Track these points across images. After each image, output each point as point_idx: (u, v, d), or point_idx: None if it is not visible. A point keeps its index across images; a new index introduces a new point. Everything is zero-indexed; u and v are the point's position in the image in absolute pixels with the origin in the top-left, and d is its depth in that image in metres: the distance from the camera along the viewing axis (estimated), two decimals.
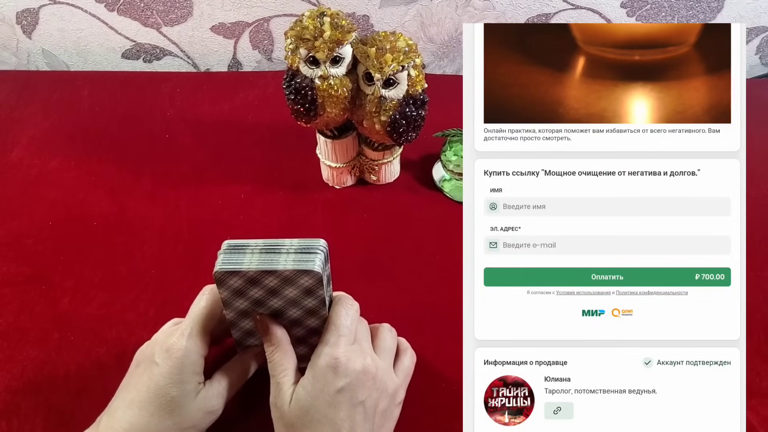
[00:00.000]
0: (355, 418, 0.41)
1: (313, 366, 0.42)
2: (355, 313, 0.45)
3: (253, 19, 0.79)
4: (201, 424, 0.44)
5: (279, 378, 0.43)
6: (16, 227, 0.62)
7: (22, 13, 0.79)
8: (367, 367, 0.42)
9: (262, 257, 0.42)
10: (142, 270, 0.59)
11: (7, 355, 0.53)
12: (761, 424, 0.49)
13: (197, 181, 0.67)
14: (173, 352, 0.43)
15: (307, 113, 0.56)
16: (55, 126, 0.73)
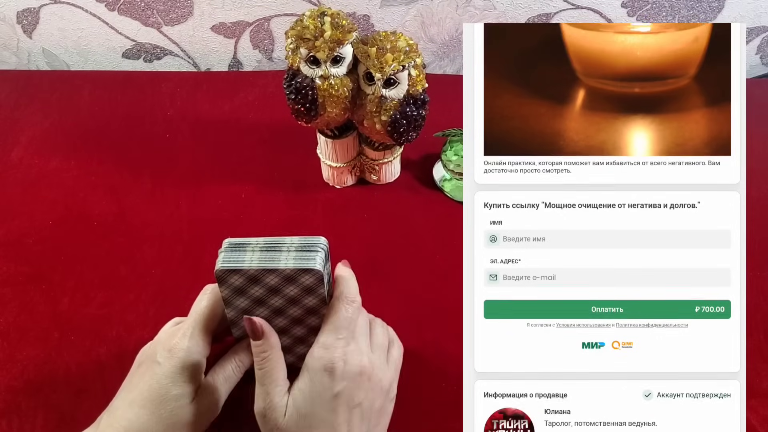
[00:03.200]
0: (353, 420, 0.41)
1: (309, 369, 0.42)
2: (355, 309, 0.44)
3: (253, 18, 0.79)
4: (200, 422, 0.44)
5: (269, 388, 0.42)
6: (17, 227, 0.62)
7: (22, 13, 0.79)
8: (363, 367, 0.42)
9: (263, 255, 0.42)
10: (143, 270, 0.59)
11: (8, 354, 0.53)
12: (761, 424, 0.49)
13: (197, 181, 0.67)
14: (175, 351, 0.43)
15: (308, 113, 0.56)
16: (55, 125, 0.73)
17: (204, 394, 0.44)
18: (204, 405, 0.44)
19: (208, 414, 0.44)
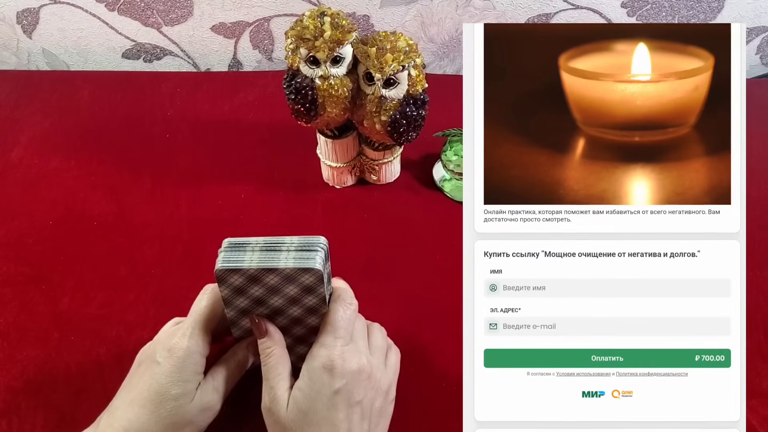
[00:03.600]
0: (353, 418, 0.42)
1: (309, 367, 0.42)
2: (353, 311, 0.45)
3: (253, 18, 0.79)
4: (199, 421, 0.44)
5: (273, 382, 0.43)
6: (17, 227, 0.62)
7: (22, 13, 0.79)
8: (362, 367, 0.42)
9: (262, 255, 0.42)
10: (143, 270, 0.59)
11: (8, 354, 0.53)
12: (761, 424, 0.49)
13: (197, 181, 0.67)
14: (175, 351, 0.43)
15: (308, 113, 0.56)
16: (55, 126, 0.73)
17: (203, 393, 0.44)
18: (203, 404, 0.44)
19: (208, 413, 0.44)
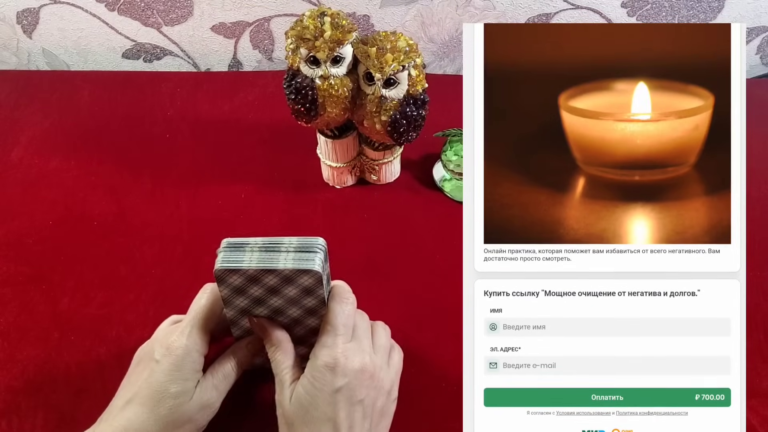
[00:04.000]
0: (354, 417, 0.42)
1: (312, 365, 0.42)
2: (352, 307, 0.45)
3: (253, 18, 0.79)
4: (199, 419, 0.44)
5: (281, 376, 0.44)
6: (17, 227, 0.62)
7: (22, 13, 0.79)
8: (365, 366, 0.42)
9: (262, 255, 0.42)
10: (143, 270, 0.59)
11: (8, 354, 0.53)
12: (761, 424, 0.49)
13: (197, 181, 0.67)
14: (173, 349, 0.43)
15: (308, 113, 0.56)
16: (55, 126, 0.73)
17: (203, 391, 0.44)
18: (203, 402, 0.44)
19: (207, 412, 0.44)
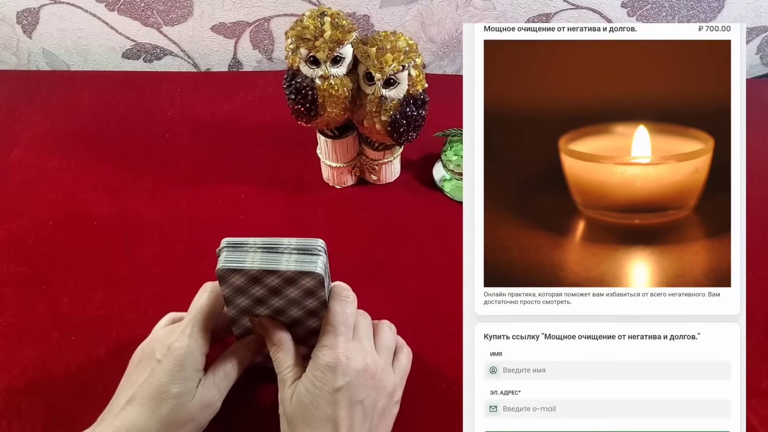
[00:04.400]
0: (354, 417, 0.42)
1: (313, 364, 0.43)
2: (352, 307, 0.45)
3: (253, 18, 0.79)
4: (200, 418, 0.44)
5: (283, 374, 0.44)
6: (17, 227, 0.62)
7: (22, 13, 0.79)
8: (367, 366, 0.42)
9: (264, 256, 0.42)
10: (143, 270, 0.59)
11: (8, 354, 0.53)
12: (761, 424, 0.49)
13: (197, 181, 0.67)
14: (175, 349, 0.43)
15: (308, 113, 0.56)
16: (55, 126, 0.73)
17: (204, 391, 0.44)
18: (204, 402, 0.44)
19: (208, 411, 0.44)
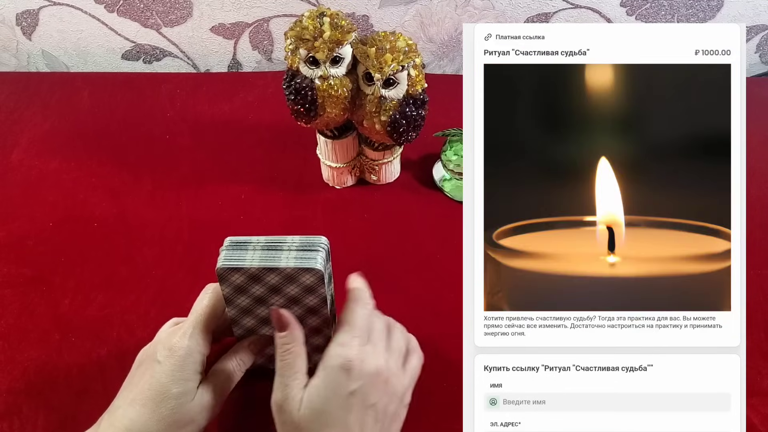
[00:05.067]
0: (366, 421, 0.41)
1: (325, 366, 0.42)
2: (370, 311, 0.45)
3: (252, 19, 0.79)
4: (200, 420, 0.44)
5: (288, 380, 0.42)
6: (17, 229, 0.62)
7: (21, 15, 0.79)
8: (380, 369, 0.42)
9: (264, 254, 0.42)
10: (143, 271, 0.59)
11: (9, 356, 0.53)
12: (762, 423, 0.49)
13: (197, 182, 0.67)
14: (176, 350, 0.43)
15: (307, 113, 0.56)
16: (55, 127, 0.73)
17: (204, 392, 0.44)
18: (204, 403, 0.44)
19: (209, 412, 0.44)
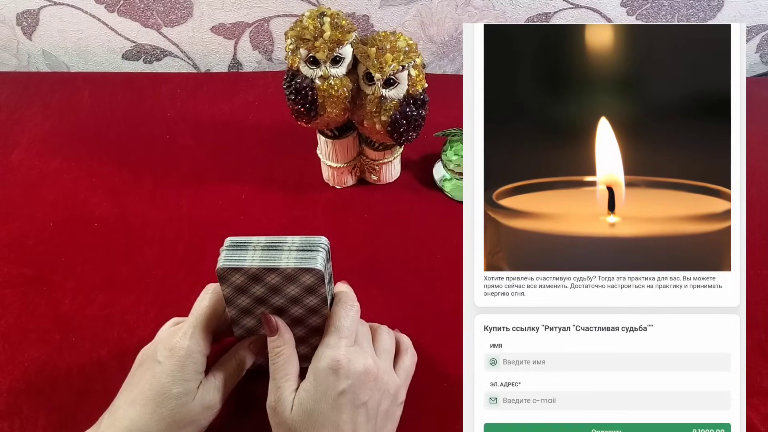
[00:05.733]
0: (358, 420, 0.42)
1: (314, 369, 0.42)
2: (356, 314, 0.45)
3: (253, 19, 0.79)
4: (201, 420, 0.44)
5: (280, 382, 0.43)
6: (17, 228, 0.62)
7: (22, 15, 0.79)
8: (368, 367, 0.42)
9: (264, 254, 0.42)
10: (143, 271, 0.59)
11: (9, 356, 0.53)
12: (762, 422, 0.49)
13: (198, 182, 0.67)
14: (176, 350, 0.43)
15: (308, 113, 0.57)
16: (55, 127, 0.73)
17: (205, 392, 0.44)
18: (205, 403, 0.44)
19: (209, 412, 0.44)
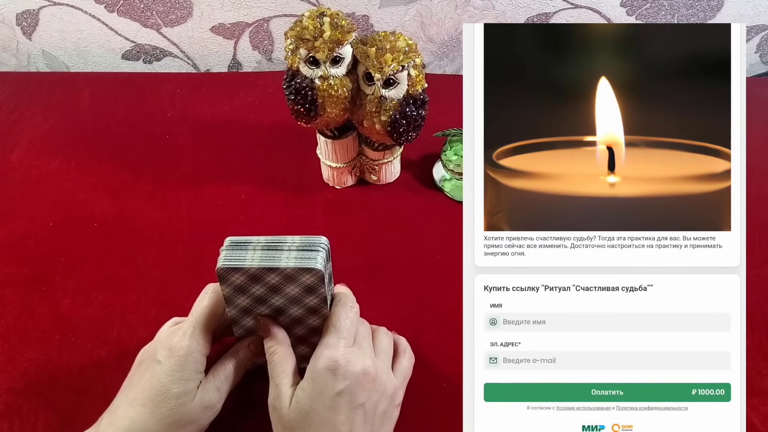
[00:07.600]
0: (355, 421, 0.41)
1: (312, 368, 0.42)
2: (355, 314, 0.45)
3: (252, 19, 0.79)
4: (201, 420, 0.44)
5: (278, 380, 0.43)
6: (17, 228, 0.62)
7: (21, 15, 0.79)
8: (366, 369, 0.42)
9: (264, 254, 0.42)
10: (143, 271, 0.59)
11: (9, 356, 0.53)
12: (762, 423, 0.49)
13: (198, 182, 0.67)
14: (176, 350, 0.43)
15: (308, 113, 0.56)
16: (55, 127, 0.73)
17: (205, 392, 0.44)
18: (205, 403, 0.44)
19: (209, 412, 0.44)
